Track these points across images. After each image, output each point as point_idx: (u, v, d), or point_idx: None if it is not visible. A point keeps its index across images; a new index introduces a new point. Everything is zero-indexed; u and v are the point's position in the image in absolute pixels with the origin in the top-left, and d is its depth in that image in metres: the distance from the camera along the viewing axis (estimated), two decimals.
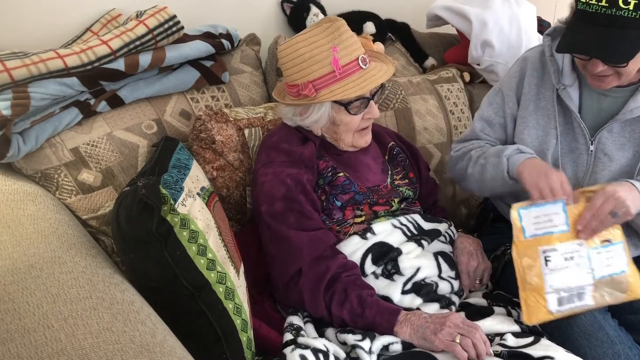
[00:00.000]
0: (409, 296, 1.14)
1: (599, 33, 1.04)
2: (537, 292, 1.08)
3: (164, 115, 1.38)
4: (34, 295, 0.78)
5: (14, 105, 1.09)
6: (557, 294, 1.08)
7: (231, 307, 0.99)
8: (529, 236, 1.12)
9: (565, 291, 1.08)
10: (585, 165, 1.24)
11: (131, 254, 0.94)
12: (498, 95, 1.38)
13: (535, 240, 1.11)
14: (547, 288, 1.08)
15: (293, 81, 1.22)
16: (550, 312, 1.07)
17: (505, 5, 1.84)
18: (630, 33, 1.03)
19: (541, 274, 1.09)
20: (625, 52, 1.04)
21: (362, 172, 1.31)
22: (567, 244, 1.11)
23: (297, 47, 1.19)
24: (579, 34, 1.08)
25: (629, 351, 1.06)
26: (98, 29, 1.43)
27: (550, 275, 1.09)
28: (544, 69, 1.29)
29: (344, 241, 1.20)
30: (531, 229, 1.12)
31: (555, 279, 1.09)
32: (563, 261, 1.10)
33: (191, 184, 1.12)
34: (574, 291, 1.08)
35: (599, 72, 1.10)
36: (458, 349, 0.99)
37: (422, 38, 1.99)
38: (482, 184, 1.32)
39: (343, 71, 1.18)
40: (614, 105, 1.21)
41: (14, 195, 1.09)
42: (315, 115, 1.24)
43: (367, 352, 1.01)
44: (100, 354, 0.68)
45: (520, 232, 1.12)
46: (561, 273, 1.09)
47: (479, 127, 1.39)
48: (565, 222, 1.12)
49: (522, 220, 1.12)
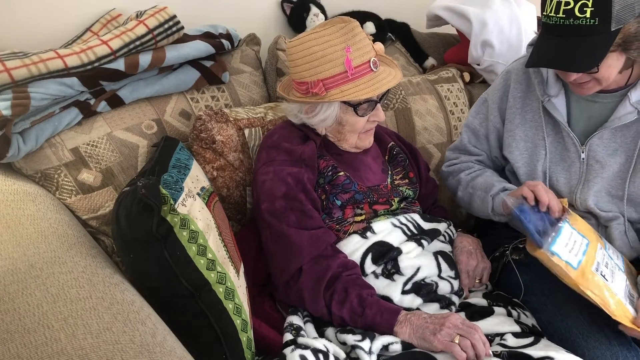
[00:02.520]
0: (409, 296, 1.14)
1: (561, 44, 1.06)
2: (621, 308, 1.06)
3: (164, 115, 1.38)
4: (34, 295, 0.78)
5: (14, 105, 1.09)
6: (626, 299, 1.08)
7: (231, 307, 0.99)
8: (577, 266, 1.07)
9: (627, 294, 1.09)
10: (578, 173, 1.24)
11: (131, 254, 0.94)
12: (484, 106, 1.41)
13: (583, 265, 1.08)
14: (623, 300, 1.07)
15: (302, 78, 1.21)
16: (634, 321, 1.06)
17: (505, 5, 1.84)
18: (592, 39, 1.03)
19: (612, 291, 1.06)
20: (588, 59, 1.04)
21: (363, 171, 1.31)
22: (597, 253, 1.12)
23: (310, 44, 1.18)
24: (544, 47, 1.10)
25: (627, 352, 1.06)
26: (98, 29, 1.43)
27: (613, 285, 1.08)
28: (529, 81, 1.30)
29: (344, 240, 1.20)
30: (573, 259, 1.08)
31: (617, 287, 1.08)
32: (607, 270, 1.10)
33: (191, 184, 1.12)
34: (627, 291, 1.10)
35: (574, 80, 1.11)
36: (457, 349, 0.99)
37: (422, 38, 1.99)
38: (471, 208, 1.38)
39: (355, 72, 1.18)
40: (604, 111, 1.21)
41: (14, 195, 1.09)
42: (323, 115, 1.24)
43: (366, 352, 1.01)
44: (100, 354, 0.69)
45: (567, 267, 1.06)
46: (614, 280, 1.09)
47: (466, 138, 1.44)
48: (581, 235, 1.13)
49: (561, 256, 1.08)
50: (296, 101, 1.25)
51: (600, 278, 1.07)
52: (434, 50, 1.98)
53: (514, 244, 1.36)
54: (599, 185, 1.22)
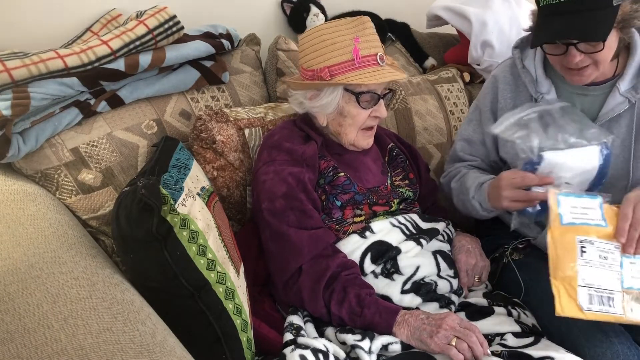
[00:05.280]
0: (408, 296, 1.14)
1: (569, 20, 1.08)
2: (569, 283, 1.03)
3: (164, 115, 1.38)
4: (34, 295, 0.78)
5: (14, 105, 1.09)
6: (588, 289, 1.03)
7: (231, 307, 0.99)
8: (567, 223, 1.08)
9: (596, 290, 1.03)
10: None
11: (131, 254, 0.94)
12: (475, 112, 1.42)
13: (573, 228, 1.07)
14: (579, 280, 1.03)
15: (310, 66, 1.24)
16: (581, 309, 1.02)
17: (505, 6, 1.84)
18: (598, 14, 1.06)
19: (575, 264, 1.04)
20: (599, 29, 1.07)
21: (363, 172, 1.31)
22: (604, 241, 1.07)
23: (320, 33, 1.22)
24: (551, 26, 1.10)
25: (628, 351, 1.06)
26: (98, 29, 1.43)
27: (584, 268, 1.04)
28: (517, 82, 1.32)
29: (343, 240, 1.20)
30: (569, 217, 1.08)
31: (588, 273, 1.04)
32: (597, 257, 1.06)
33: (191, 184, 1.12)
34: (604, 293, 1.04)
35: (577, 62, 1.12)
36: (453, 352, 0.99)
37: (422, 38, 1.99)
38: (471, 214, 1.36)
39: (362, 61, 1.20)
40: (595, 103, 1.23)
41: (14, 195, 1.09)
42: (326, 99, 1.25)
43: (366, 352, 1.01)
44: (100, 354, 0.69)
45: (557, 217, 1.08)
46: (594, 269, 1.05)
47: (459, 147, 1.44)
48: (602, 218, 1.08)
49: (560, 206, 1.08)
50: (301, 85, 1.27)
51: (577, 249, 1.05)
52: (434, 50, 1.98)
53: (514, 244, 1.37)
54: None
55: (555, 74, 1.27)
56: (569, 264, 1.04)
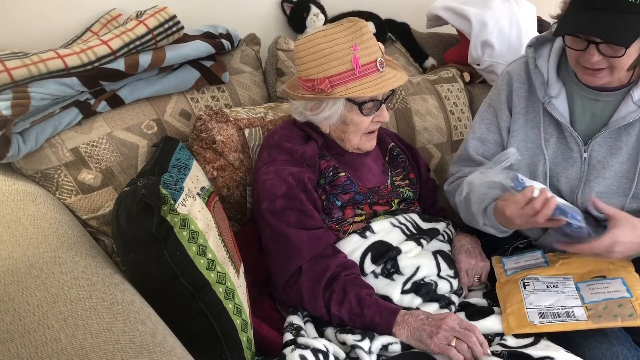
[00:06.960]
0: (408, 296, 1.14)
1: (599, 16, 1.05)
2: (518, 310, 1.10)
3: (164, 115, 1.38)
4: (34, 295, 0.78)
5: (14, 105, 1.09)
6: (538, 309, 1.09)
7: (231, 307, 1.00)
8: (511, 274, 1.22)
9: (548, 308, 1.09)
10: (579, 173, 1.23)
11: (131, 254, 0.94)
12: (489, 111, 1.36)
13: (516, 275, 1.21)
14: (526, 305, 1.11)
15: (309, 76, 1.21)
16: (532, 323, 1.06)
17: (505, 6, 1.83)
18: (629, 18, 1.03)
19: (521, 296, 1.13)
20: (625, 35, 1.04)
21: (363, 172, 1.31)
22: (549, 276, 1.17)
23: (317, 42, 1.19)
24: (578, 18, 1.08)
25: (627, 352, 1.06)
26: (98, 29, 1.43)
27: (530, 295, 1.13)
28: (530, 81, 1.29)
29: (344, 240, 1.20)
30: (512, 270, 1.23)
31: (535, 298, 1.12)
32: (545, 287, 1.14)
33: (191, 184, 1.12)
34: (560, 309, 1.08)
35: (594, 62, 1.10)
36: (453, 352, 0.99)
37: (422, 38, 1.99)
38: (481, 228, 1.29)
39: (362, 70, 1.18)
40: (606, 109, 1.21)
41: (14, 195, 1.09)
42: (328, 112, 1.24)
43: (366, 352, 1.01)
44: (100, 354, 0.69)
45: (502, 273, 1.24)
46: (542, 294, 1.12)
47: (472, 147, 1.36)
48: (545, 261, 1.22)
49: (505, 265, 1.27)
50: (302, 97, 1.25)
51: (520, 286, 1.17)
52: (434, 50, 1.98)
53: (514, 244, 1.36)
54: (602, 186, 1.22)
55: (569, 75, 1.24)
56: (515, 298, 1.14)
